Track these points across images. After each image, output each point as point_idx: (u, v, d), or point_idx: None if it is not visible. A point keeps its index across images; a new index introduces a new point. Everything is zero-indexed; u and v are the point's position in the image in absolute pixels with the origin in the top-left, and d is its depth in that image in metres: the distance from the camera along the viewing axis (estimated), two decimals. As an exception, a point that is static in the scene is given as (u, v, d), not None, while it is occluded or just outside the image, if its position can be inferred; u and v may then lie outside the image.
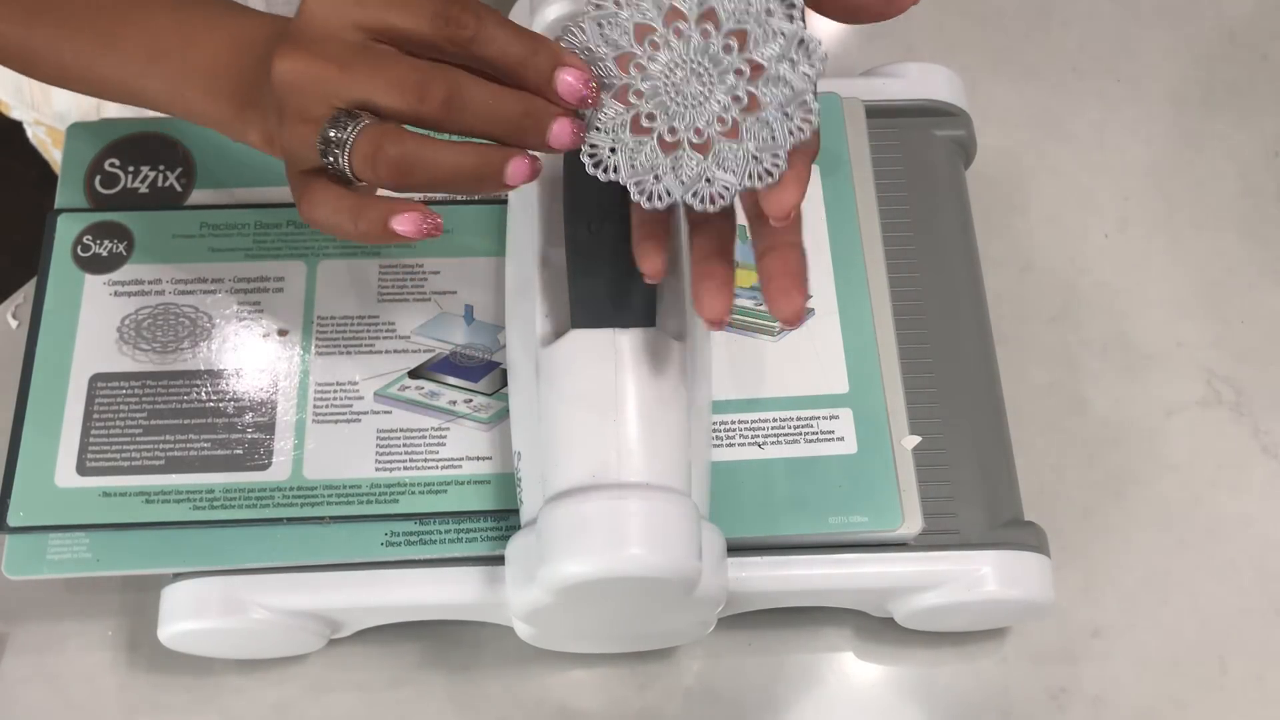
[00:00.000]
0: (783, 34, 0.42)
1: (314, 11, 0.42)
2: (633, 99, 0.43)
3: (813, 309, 0.59)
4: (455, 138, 0.42)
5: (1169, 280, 0.70)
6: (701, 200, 0.44)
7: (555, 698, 0.59)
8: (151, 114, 0.54)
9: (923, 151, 0.64)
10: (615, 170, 0.44)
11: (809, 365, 0.58)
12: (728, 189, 0.43)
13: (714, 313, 0.46)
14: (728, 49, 0.42)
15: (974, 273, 0.63)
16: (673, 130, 0.43)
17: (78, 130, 0.63)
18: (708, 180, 0.43)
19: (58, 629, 0.60)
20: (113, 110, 0.70)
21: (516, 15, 0.63)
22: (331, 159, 0.42)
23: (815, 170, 0.62)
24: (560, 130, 0.42)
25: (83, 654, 0.60)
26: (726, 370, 0.57)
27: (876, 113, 0.64)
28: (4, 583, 0.54)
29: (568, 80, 0.42)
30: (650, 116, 0.43)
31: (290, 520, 0.55)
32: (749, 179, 0.43)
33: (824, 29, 0.78)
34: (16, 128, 0.80)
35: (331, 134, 0.41)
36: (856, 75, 0.68)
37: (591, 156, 0.44)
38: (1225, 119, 0.75)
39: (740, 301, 0.59)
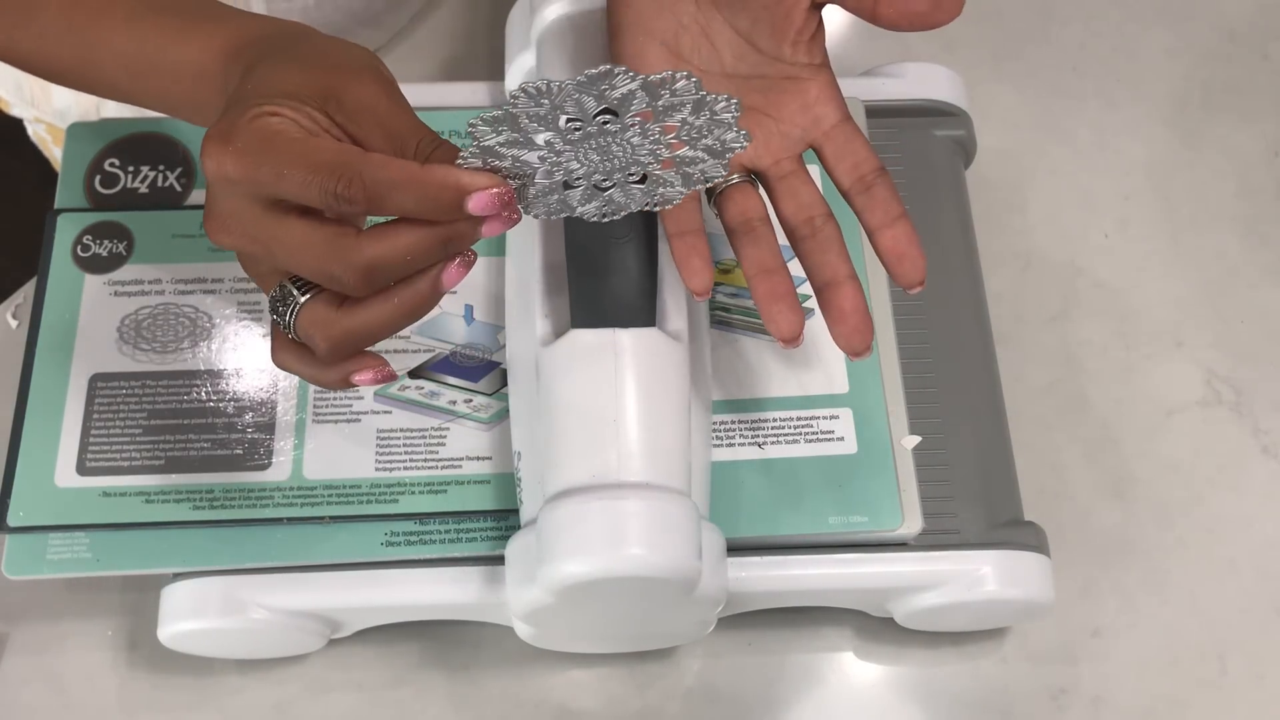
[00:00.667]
0: (688, 106, 0.40)
1: (214, 190, 0.41)
2: (556, 172, 0.42)
3: (812, 309, 0.59)
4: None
5: (1169, 280, 0.70)
6: (657, 205, 0.43)
7: (555, 698, 0.59)
8: (151, 114, 0.54)
9: (923, 151, 0.64)
10: (566, 211, 0.43)
11: (809, 365, 0.58)
12: (679, 195, 0.43)
13: (791, 330, 0.48)
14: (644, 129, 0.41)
15: (974, 273, 0.63)
16: (605, 179, 0.42)
17: (78, 130, 0.63)
18: (600, 205, 0.43)
19: (58, 629, 0.60)
20: (113, 109, 0.70)
21: (516, 15, 0.63)
22: (283, 326, 0.43)
23: (814, 171, 0.62)
24: (485, 210, 0.40)
25: (83, 654, 0.60)
26: (726, 370, 0.57)
27: (876, 113, 0.64)
28: (4, 583, 0.54)
29: (480, 200, 0.40)
30: (576, 182, 0.42)
31: (290, 520, 0.55)
32: (692, 184, 0.43)
33: (825, 29, 0.78)
34: (17, 126, 0.80)
35: (277, 309, 0.43)
36: (856, 75, 0.68)
37: (540, 214, 0.43)
38: (1225, 119, 0.75)
39: (740, 301, 0.59)
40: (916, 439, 0.57)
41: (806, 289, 0.50)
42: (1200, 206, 0.72)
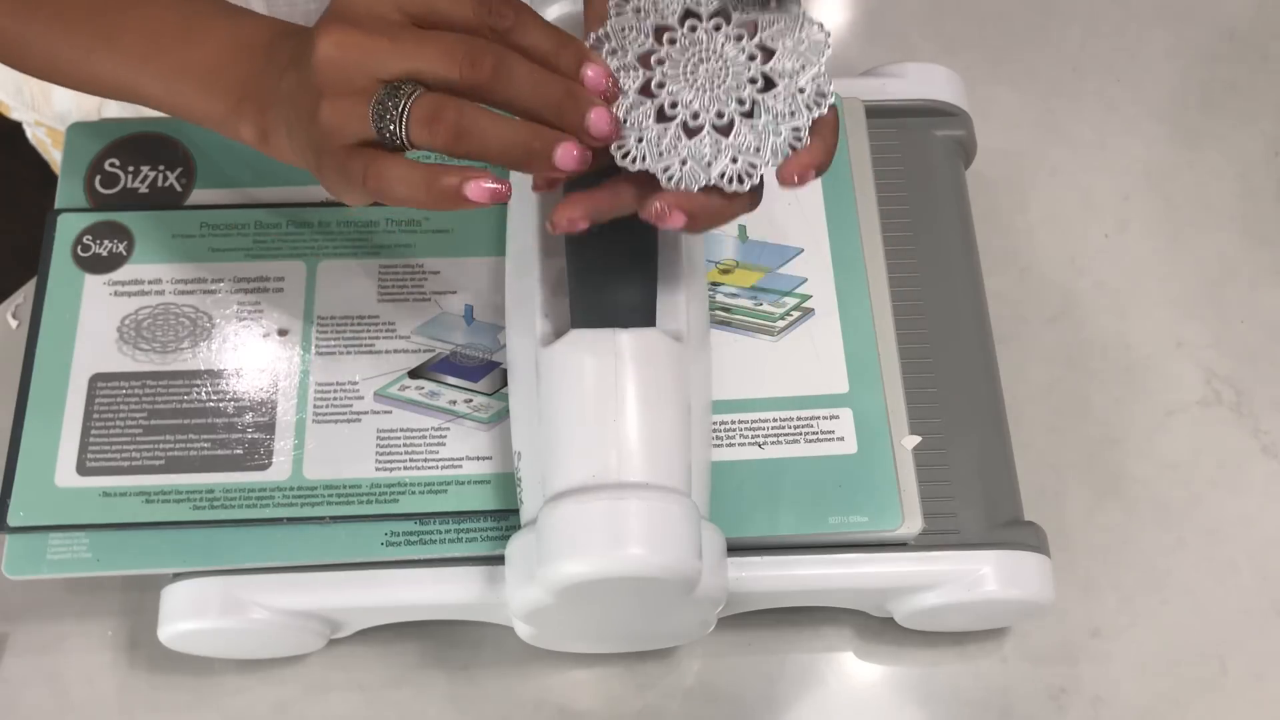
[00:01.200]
0: (786, 19, 0.45)
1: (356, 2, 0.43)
2: (655, 90, 0.45)
3: (812, 309, 0.59)
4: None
5: (1169, 280, 0.70)
6: (729, 180, 0.45)
7: (555, 698, 0.59)
8: (151, 114, 0.54)
9: (923, 151, 0.64)
10: (643, 159, 0.45)
11: (809, 365, 0.58)
12: (754, 166, 0.45)
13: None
14: (739, 37, 0.45)
15: (974, 273, 0.63)
16: (695, 115, 0.45)
17: (78, 130, 0.63)
18: (733, 160, 0.45)
19: (58, 629, 0.60)
20: (113, 110, 0.70)
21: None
22: (389, 127, 0.42)
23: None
24: (598, 118, 0.43)
25: (83, 654, 0.60)
26: (726, 370, 0.57)
27: (876, 113, 0.64)
28: (4, 583, 0.54)
29: (590, 75, 0.44)
30: (673, 105, 0.45)
31: (290, 520, 0.55)
32: (773, 154, 0.45)
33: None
34: (17, 128, 0.80)
35: (388, 102, 0.42)
36: (856, 75, 0.68)
37: (620, 148, 0.45)
38: (1225, 119, 0.75)
39: (740, 301, 0.59)
40: (916, 439, 0.57)
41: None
42: (1200, 206, 0.72)
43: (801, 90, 0.45)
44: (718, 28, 0.46)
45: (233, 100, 0.47)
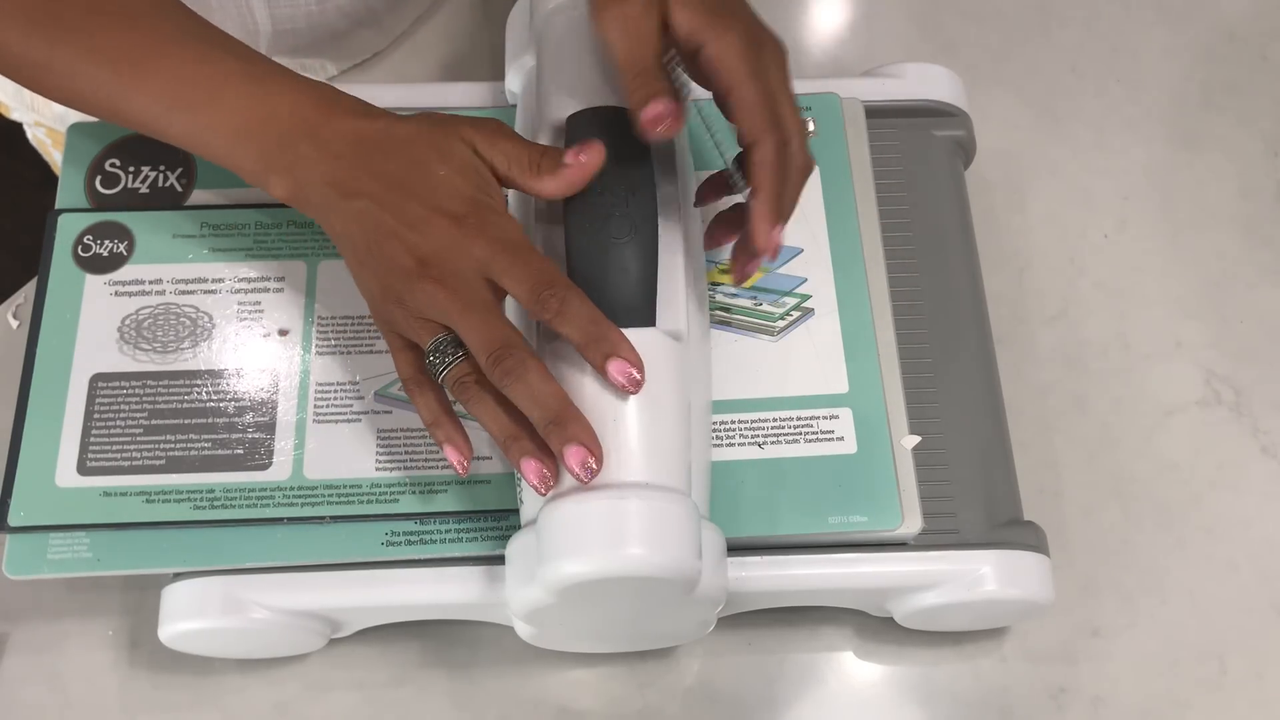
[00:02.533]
0: None
1: (447, 255, 0.49)
2: None
3: (812, 309, 0.59)
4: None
5: (1169, 280, 0.70)
6: None
7: (555, 698, 0.60)
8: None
9: (923, 151, 0.64)
10: None
11: (809, 365, 0.58)
12: None
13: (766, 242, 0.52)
14: None
15: (974, 273, 0.63)
16: None
17: (78, 130, 0.63)
18: None
19: (58, 629, 0.60)
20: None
21: (516, 15, 0.63)
22: (434, 370, 0.50)
23: (815, 171, 0.62)
24: (573, 457, 0.48)
25: (83, 654, 0.60)
26: (726, 370, 0.57)
27: (876, 113, 0.64)
28: (4, 583, 0.54)
29: (612, 369, 0.49)
30: None
31: (290, 520, 0.55)
32: None
33: (822, 29, 0.79)
34: (17, 128, 0.80)
35: (434, 354, 0.50)
36: (857, 75, 0.68)
37: None
38: (1225, 119, 0.75)
39: (740, 302, 0.59)
40: (916, 439, 0.57)
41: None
42: (1200, 206, 0.72)
43: None
44: None
45: (264, 162, 0.52)
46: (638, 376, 0.49)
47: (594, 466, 0.48)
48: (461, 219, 0.49)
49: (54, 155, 0.80)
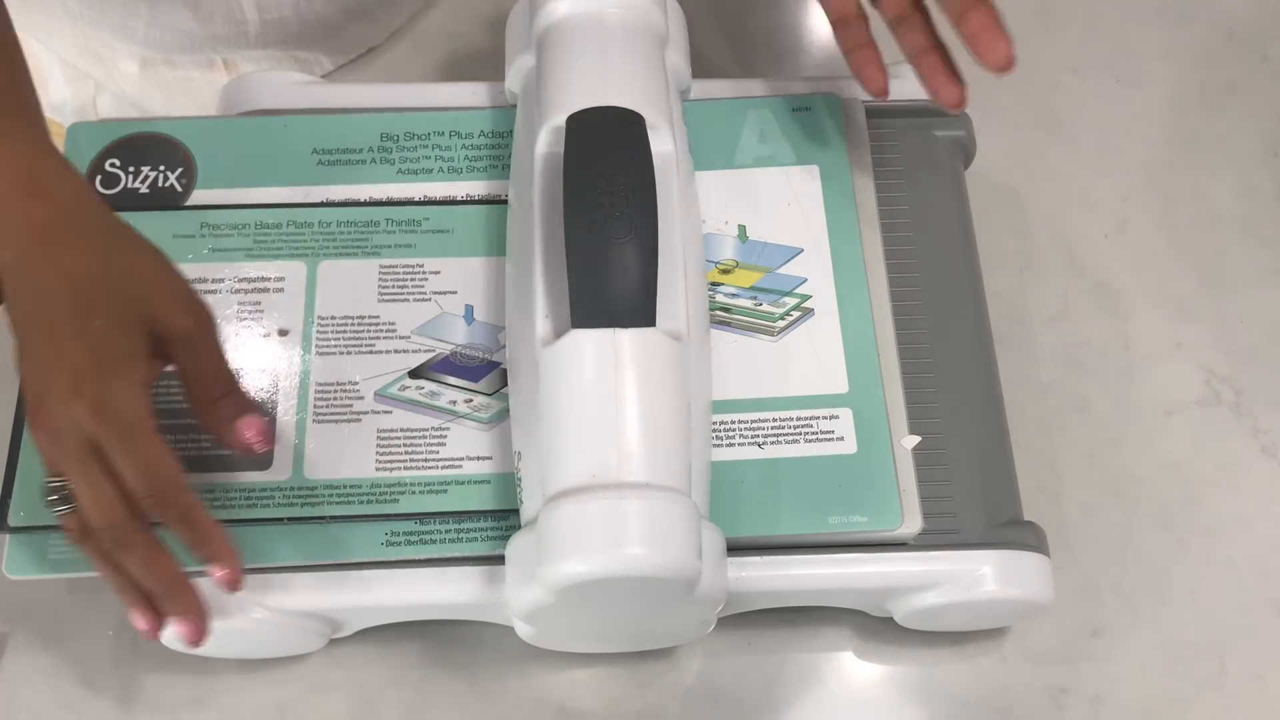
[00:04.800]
0: None
1: (56, 410, 0.47)
2: None
3: (812, 309, 0.59)
4: None
5: (1169, 280, 0.70)
6: None
7: (555, 698, 0.60)
8: (152, 114, 0.54)
9: (923, 151, 0.64)
10: None
11: (809, 365, 0.58)
12: None
13: (954, 97, 0.56)
14: None
15: (974, 273, 0.63)
16: None
17: (78, 130, 0.63)
18: None
19: (58, 629, 0.60)
20: (111, 110, 0.70)
21: (516, 15, 0.63)
22: (51, 509, 0.49)
23: (815, 170, 0.62)
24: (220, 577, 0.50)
25: (83, 654, 0.60)
26: (727, 370, 0.57)
27: (876, 113, 0.64)
28: (4, 583, 0.54)
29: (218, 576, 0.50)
30: None
31: (290, 520, 0.55)
32: None
33: (822, 29, 0.78)
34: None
35: (51, 496, 0.49)
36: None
37: None
38: (1225, 119, 0.75)
39: (740, 302, 0.59)
40: (916, 439, 0.57)
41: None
42: (1200, 206, 0.72)
43: None
44: None
45: None
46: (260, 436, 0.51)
47: (202, 638, 0.51)
48: (79, 384, 0.47)
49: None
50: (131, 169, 0.62)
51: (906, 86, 0.66)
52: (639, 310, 0.51)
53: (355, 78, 0.75)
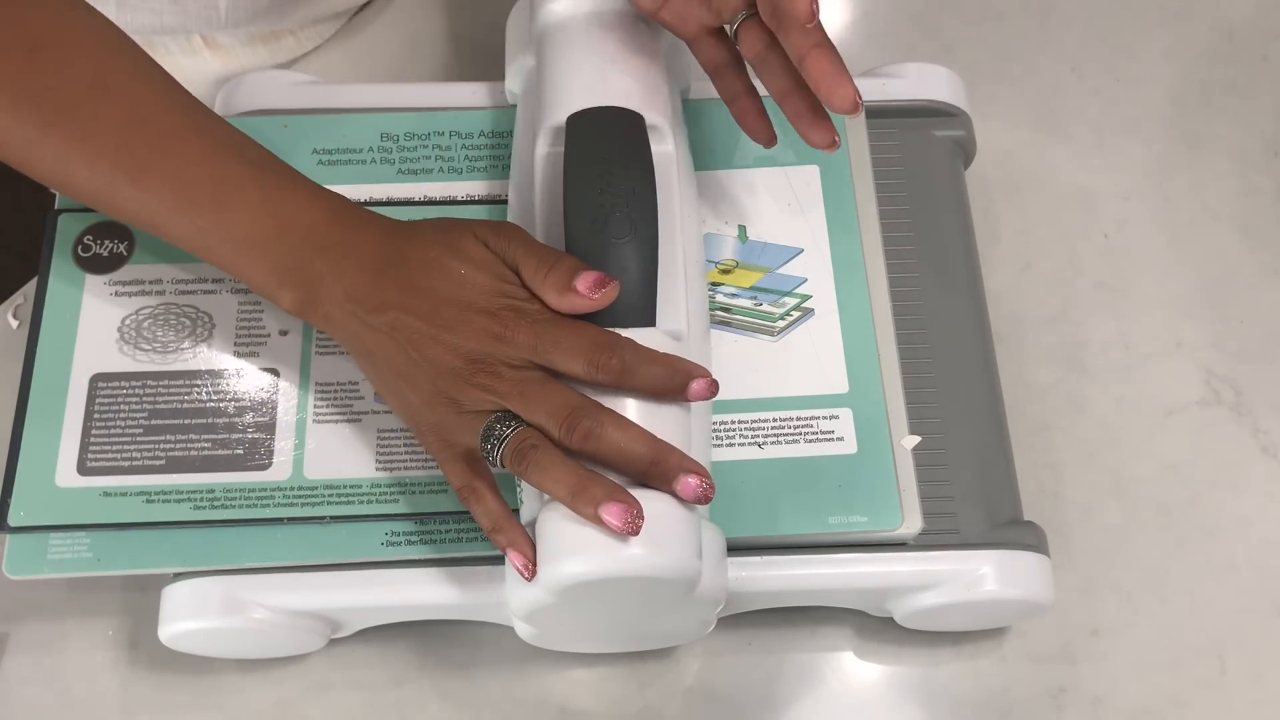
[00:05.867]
0: None
1: (492, 349, 0.49)
2: None
3: (812, 309, 0.59)
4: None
5: (1169, 280, 0.70)
6: None
7: (555, 698, 0.60)
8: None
9: (923, 151, 0.64)
10: None
11: (809, 365, 0.58)
12: None
13: (824, 139, 0.54)
14: None
15: (974, 273, 0.63)
16: None
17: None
18: None
19: (58, 629, 0.60)
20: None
21: (516, 15, 0.63)
22: (489, 449, 0.49)
23: (815, 170, 0.62)
24: (686, 487, 0.48)
25: (83, 654, 0.60)
26: (727, 370, 0.57)
27: (876, 113, 0.64)
28: (4, 583, 0.54)
29: (695, 389, 0.50)
30: None
31: (290, 520, 0.55)
32: None
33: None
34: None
35: (489, 435, 0.49)
36: (857, 75, 0.67)
37: None
38: (1225, 119, 0.75)
39: (740, 302, 0.59)
40: (916, 439, 0.57)
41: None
42: (1200, 206, 0.72)
43: None
44: None
45: (276, 277, 0.51)
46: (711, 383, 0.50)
47: (708, 492, 0.48)
48: (496, 312, 0.49)
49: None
50: (132, 169, 0.61)
51: (906, 87, 0.66)
52: (639, 310, 0.51)
53: (358, 82, 0.74)
